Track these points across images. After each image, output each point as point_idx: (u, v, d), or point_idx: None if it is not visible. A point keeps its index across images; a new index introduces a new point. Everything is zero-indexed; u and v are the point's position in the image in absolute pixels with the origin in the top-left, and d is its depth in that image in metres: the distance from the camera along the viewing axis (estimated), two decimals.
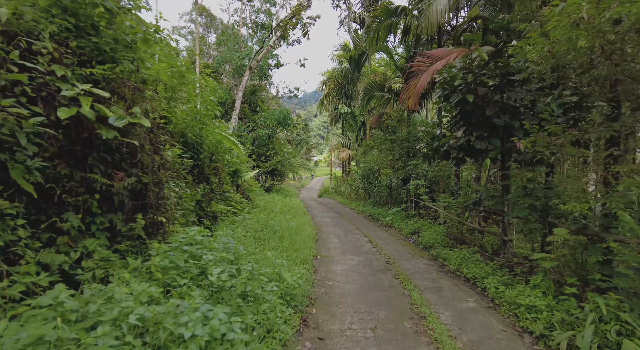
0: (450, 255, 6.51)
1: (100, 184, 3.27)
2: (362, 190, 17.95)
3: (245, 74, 14.11)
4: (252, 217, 7.74)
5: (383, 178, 14.99)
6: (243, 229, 6.48)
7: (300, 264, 5.67)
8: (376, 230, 10.45)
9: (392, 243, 8.56)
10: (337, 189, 24.50)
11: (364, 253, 7.32)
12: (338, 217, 13.32)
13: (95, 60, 3.35)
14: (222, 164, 8.85)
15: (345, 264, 6.38)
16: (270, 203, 11.26)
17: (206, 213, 6.68)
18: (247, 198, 10.89)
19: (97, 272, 2.94)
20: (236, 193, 9.48)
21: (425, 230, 8.93)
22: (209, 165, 7.12)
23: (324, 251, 7.35)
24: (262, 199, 12.32)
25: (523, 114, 5.43)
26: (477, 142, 5.37)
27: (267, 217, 7.90)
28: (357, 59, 21.38)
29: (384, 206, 14.23)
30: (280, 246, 6.26)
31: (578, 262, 4.04)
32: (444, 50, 7.66)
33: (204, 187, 6.60)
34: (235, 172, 9.97)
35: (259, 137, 20.13)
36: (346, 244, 8.21)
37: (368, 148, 15.62)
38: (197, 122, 6.49)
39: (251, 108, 22.53)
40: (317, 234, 9.42)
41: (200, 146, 6.69)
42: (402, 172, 12.21)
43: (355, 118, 21.50)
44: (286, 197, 18.20)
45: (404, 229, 10.00)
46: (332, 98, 27.98)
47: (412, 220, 10.67)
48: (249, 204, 10.08)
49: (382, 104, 14.48)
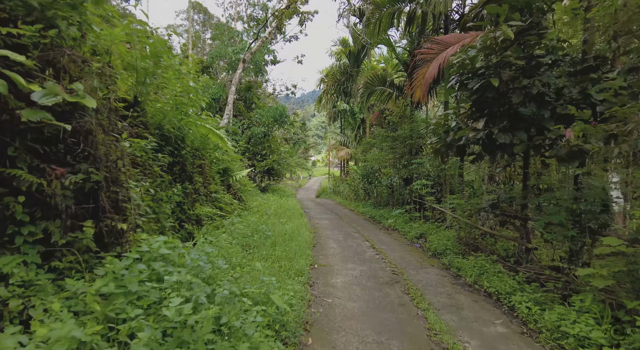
0: (465, 265, 5.74)
1: (28, 182, 2.48)
2: (361, 191, 17.19)
3: (238, 67, 13.30)
4: (242, 220, 6.95)
5: (383, 178, 14.23)
6: (230, 234, 5.69)
7: (295, 277, 4.88)
8: (378, 234, 9.69)
9: (396, 249, 7.79)
10: (335, 189, 23.73)
11: (367, 261, 6.55)
12: (337, 219, 12.55)
13: (22, 21, 2.55)
14: (209, 161, 8.06)
15: (347, 274, 5.60)
16: (264, 204, 10.47)
17: (188, 216, 5.89)
18: (239, 199, 10.09)
19: (11, 304, 2.14)
20: (226, 193, 8.69)
21: (433, 235, 8.17)
22: (193, 162, 6.32)
23: (322, 259, 6.56)
24: (255, 199, 11.53)
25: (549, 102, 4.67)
26: (500, 135, 4.61)
27: (259, 221, 7.12)
28: (356, 54, 20.60)
29: (385, 207, 13.47)
30: (272, 255, 5.47)
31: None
32: (455, 35, 6.91)
33: (182, 187, 5.81)
34: (226, 171, 9.17)
35: (255, 135, 19.33)
36: (346, 250, 7.43)
37: (368, 146, 14.86)
38: (177, 113, 5.69)
39: (246, 105, 21.72)
40: (314, 238, 8.64)
41: (181, 141, 5.89)
42: (405, 171, 11.45)
43: (354, 115, 20.73)
44: (282, 198, 17.41)
45: (409, 233, 9.24)
46: (330, 96, 27.20)
47: (416, 222, 9.91)
48: (240, 206, 9.29)
49: (384, 99, 13.71)
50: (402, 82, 13.07)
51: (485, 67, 4.64)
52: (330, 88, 26.00)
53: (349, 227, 10.74)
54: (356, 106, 21.27)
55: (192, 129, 6.21)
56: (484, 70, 4.67)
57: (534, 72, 4.55)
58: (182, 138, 5.96)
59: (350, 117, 20.87)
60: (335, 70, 24.45)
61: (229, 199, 8.48)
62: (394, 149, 11.64)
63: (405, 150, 11.59)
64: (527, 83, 4.37)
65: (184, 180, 6.02)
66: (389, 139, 12.09)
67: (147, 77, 4.77)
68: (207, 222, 6.11)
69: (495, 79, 4.25)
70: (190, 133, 6.16)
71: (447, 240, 7.15)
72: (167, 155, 5.49)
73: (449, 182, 10.20)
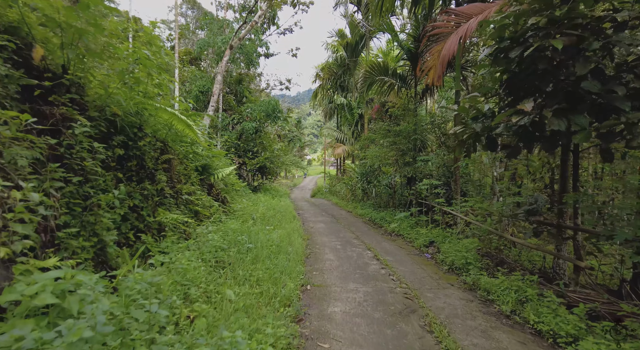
0: (495, 286, 4.58)
1: None
2: (359, 191, 16.02)
3: (225, 53, 12.02)
4: (220, 228, 5.72)
5: (382, 177, 13.07)
6: (198, 249, 4.45)
7: (280, 308, 3.68)
8: (380, 241, 8.50)
9: (404, 260, 6.61)
10: (331, 189, 22.54)
11: (372, 278, 5.36)
12: (333, 222, 11.35)
13: None
14: (182, 156, 6.82)
15: (348, 299, 4.39)
16: (251, 207, 9.22)
17: (148, 225, 4.65)
18: (223, 201, 8.85)
19: None
20: (205, 195, 7.46)
21: (446, 244, 7.01)
22: (156, 157, 5.08)
23: (316, 276, 5.35)
24: (242, 201, 10.28)
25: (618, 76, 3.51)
26: (553, 120, 3.43)
27: (241, 228, 5.88)
28: (353, 45, 19.39)
29: (386, 209, 12.31)
30: (251, 276, 4.25)
31: None
32: (477, 5, 5.72)
33: (141, 187, 4.57)
34: (206, 168, 7.92)
35: (245, 130, 18.04)
36: (346, 263, 6.24)
37: (367, 142, 13.67)
38: (132, 93, 4.44)
39: (237, 99, 20.41)
40: (308, 247, 7.43)
41: (138, 129, 4.65)
42: (409, 170, 10.28)
43: (352, 110, 19.53)
44: (274, 198, 16.17)
45: (416, 240, 8.07)
46: (326, 91, 25.99)
47: (423, 228, 8.75)
48: (223, 209, 8.05)
49: (385, 91, 12.52)
50: (405, 72, 11.89)
51: (536, 28, 3.46)
52: (326, 83, 24.78)
53: (347, 232, 9.55)
54: (354, 101, 20.07)
55: (153, 115, 4.97)
56: (533, 33, 3.49)
57: (601, 35, 3.38)
58: (140, 126, 4.72)
59: (347, 113, 19.67)
60: (331, 64, 23.23)
61: (209, 201, 7.24)
62: (397, 145, 10.46)
63: (410, 146, 10.43)
64: (597, 47, 3.19)
65: (143, 179, 4.77)
66: (390, 134, 10.91)
67: (81, 39, 3.52)
68: (173, 231, 4.87)
69: (559, 41, 3.06)
70: (151, 120, 4.91)
71: (465, 252, 5.98)
72: (118, 148, 4.28)
73: (459, 182, 9.05)
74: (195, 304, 3.03)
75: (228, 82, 19.97)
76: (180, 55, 21.05)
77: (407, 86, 11.78)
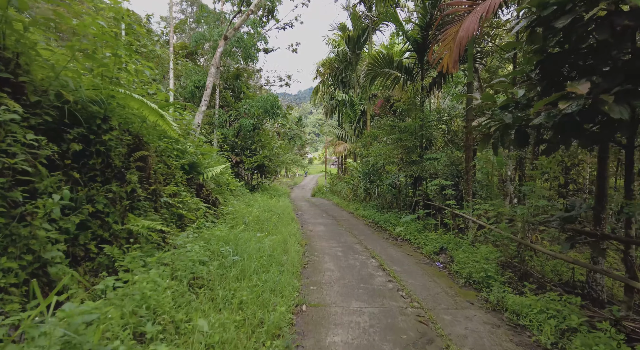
0: (525, 306, 3.83)
1: None
2: (361, 190, 15.27)
3: (219, 44, 11.26)
4: (203, 234, 4.99)
5: (386, 176, 12.33)
6: (172, 264, 3.73)
7: (267, 342, 2.95)
8: (385, 247, 7.76)
9: (414, 271, 5.88)
10: (332, 188, 21.79)
11: (378, 294, 4.62)
12: (334, 225, 10.61)
13: None
14: (165, 153, 6.11)
15: (351, 325, 3.66)
16: (243, 209, 8.48)
17: (115, 234, 3.95)
18: (213, 202, 8.13)
19: None
20: (192, 196, 6.74)
21: (459, 251, 6.27)
22: (126, 153, 4.35)
23: (314, 292, 4.62)
24: (234, 203, 9.56)
25: None
26: (614, 107, 2.68)
27: (228, 235, 5.15)
28: (355, 39, 18.60)
29: (390, 210, 11.56)
30: (234, 297, 3.52)
31: None
32: None
33: (106, 189, 3.86)
34: (193, 167, 7.19)
35: (243, 127, 17.31)
36: (348, 274, 5.51)
37: (370, 139, 12.91)
38: (95, 78, 3.71)
39: (235, 95, 19.66)
40: (305, 255, 6.70)
41: (103, 121, 3.92)
42: (415, 169, 9.53)
43: (353, 107, 18.74)
44: (273, 198, 15.46)
45: (425, 246, 7.33)
46: (327, 87, 25.21)
47: (432, 232, 8.01)
48: (213, 211, 7.34)
49: (389, 85, 11.74)
50: (411, 64, 11.11)
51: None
52: (327, 79, 24.00)
53: (349, 236, 8.82)
54: (356, 97, 19.28)
55: (123, 106, 4.23)
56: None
57: None
58: (105, 117, 3.99)
59: (349, 109, 18.88)
60: (332, 59, 22.43)
61: (196, 203, 6.52)
62: (402, 142, 9.70)
63: (417, 144, 9.68)
64: None
65: (110, 179, 4.05)
66: (395, 130, 10.16)
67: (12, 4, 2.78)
68: (143, 242, 4.15)
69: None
70: (119, 110, 4.18)
71: (484, 263, 5.23)
72: (75, 143, 3.57)
73: (472, 182, 8.29)
74: (151, 346, 2.30)
75: (225, 77, 19.23)
76: (175, 50, 20.33)
77: (413, 79, 11.01)
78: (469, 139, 8.25)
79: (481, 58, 11.09)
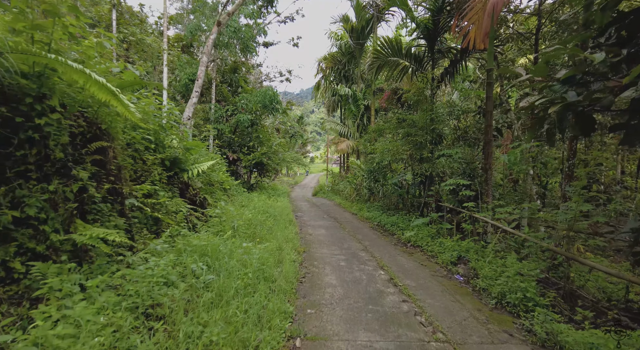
0: (588, 346, 2.91)
1: None
2: (365, 190, 14.34)
3: (212, 31, 10.35)
4: (178, 244, 4.08)
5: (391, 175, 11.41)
6: (122, 287, 2.83)
7: None
8: (395, 254, 6.85)
9: (431, 286, 4.95)
10: (334, 187, 20.86)
11: (391, 320, 3.71)
12: (336, 228, 9.70)
13: None
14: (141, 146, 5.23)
15: None
16: (235, 211, 7.55)
17: (53, 246, 3.06)
18: (201, 203, 7.24)
19: None
20: (168, 197, 5.85)
21: (481, 262, 5.34)
22: (75, 143, 3.46)
23: (311, 318, 3.70)
24: (230, 203, 8.67)
25: None
26: None
27: (208, 245, 4.23)
28: (359, 30, 17.63)
29: (396, 212, 10.63)
30: (201, 336, 2.60)
31: None
32: None
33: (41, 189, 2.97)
34: (175, 163, 6.29)
35: (240, 123, 16.41)
36: (353, 291, 4.59)
37: (376, 134, 11.95)
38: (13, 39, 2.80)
39: (232, 89, 18.73)
40: (302, 265, 5.80)
41: (36, 99, 3.02)
42: (427, 166, 8.60)
43: (357, 102, 17.78)
44: (271, 198, 14.57)
45: (441, 255, 6.41)
46: (329, 83, 24.26)
47: (447, 238, 7.08)
48: (198, 214, 6.45)
49: (397, 76, 10.79)
50: (422, 53, 10.16)
51: None
52: (329, 74, 23.04)
53: (352, 241, 7.90)
54: (359, 91, 18.31)
55: (69, 82, 3.32)
56: None
57: None
58: (42, 96, 3.08)
59: (352, 104, 17.93)
60: (335, 54, 21.46)
61: (176, 205, 5.64)
62: (412, 137, 8.76)
63: (428, 139, 8.74)
64: None
65: (49, 176, 3.16)
66: (404, 124, 9.22)
67: None
68: (97, 256, 3.26)
69: None
70: (61, 88, 3.27)
71: (519, 279, 4.29)
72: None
73: (492, 181, 7.36)
74: None
75: (222, 70, 18.31)
76: (171, 42, 19.44)
77: (424, 69, 10.06)
78: (489, 133, 7.32)
79: (498, 45, 10.14)
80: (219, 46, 16.10)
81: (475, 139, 9.61)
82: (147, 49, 13.62)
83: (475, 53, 8.97)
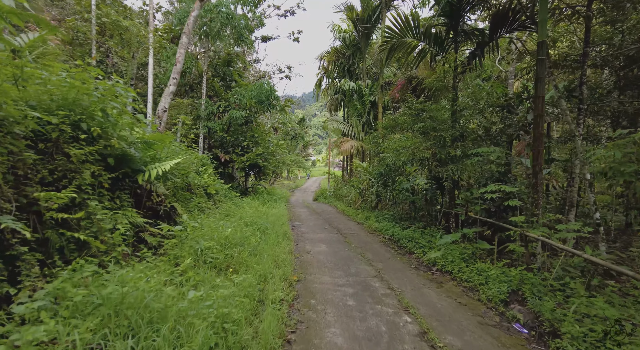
0: None
1: None
2: (372, 196, 12.64)
3: (193, 7, 8.75)
4: (66, 297, 2.39)
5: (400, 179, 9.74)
6: None
7: None
8: (419, 285, 5.14)
9: (485, 348, 3.24)
10: (336, 192, 19.14)
11: None
12: (340, 242, 7.99)
13: None
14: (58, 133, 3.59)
15: None
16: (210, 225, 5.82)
17: None
18: (167, 215, 5.58)
19: None
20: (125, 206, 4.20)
21: (547, 304, 3.62)
22: None
23: None
24: (208, 213, 7.00)
25: None
26: None
27: (119, 300, 2.54)
28: (365, 19, 16.02)
29: (411, 223, 8.92)
30: None
31: None
32: None
33: None
34: (123, 161, 4.62)
35: (233, 120, 14.80)
36: None
37: (387, 131, 10.26)
38: None
39: (225, 84, 17.13)
40: (293, 306, 4.09)
41: None
42: (454, 168, 6.89)
43: (362, 98, 16.12)
44: (266, 205, 12.91)
45: (484, 288, 4.70)
46: (332, 80, 22.66)
47: (487, 263, 5.37)
48: (155, 231, 4.80)
49: (413, 62, 9.13)
50: (441, 32, 8.50)
51: None
52: (332, 70, 21.44)
53: (361, 263, 6.19)
54: (365, 87, 16.66)
55: None
56: None
57: None
58: None
59: (357, 101, 16.27)
60: (339, 47, 19.86)
61: (111, 219, 3.99)
62: (437, 132, 7.07)
63: (455, 134, 7.06)
64: None
65: None
66: (425, 116, 7.53)
67: None
68: None
69: None
70: None
71: None
72: None
73: (542, 189, 5.67)
74: None
75: (214, 63, 16.72)
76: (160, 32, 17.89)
77: (445, 52, 8.40)
78: (539, 125, 5.65)
79: (529, 26, 8.47)
80: (211, 36, 14.55)
81: (508, 135, 7.92)
82: (125, 34, 12.04)
83: (512, 29, 7.29)
